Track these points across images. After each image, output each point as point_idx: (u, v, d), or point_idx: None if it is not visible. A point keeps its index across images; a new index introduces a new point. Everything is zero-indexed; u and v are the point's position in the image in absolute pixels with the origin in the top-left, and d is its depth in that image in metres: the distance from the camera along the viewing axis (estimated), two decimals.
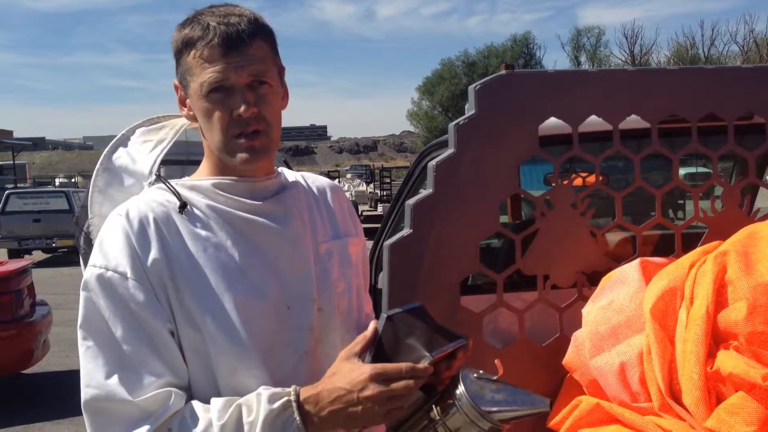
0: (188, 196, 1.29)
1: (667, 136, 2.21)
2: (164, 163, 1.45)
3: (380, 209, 20.11)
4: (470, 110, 1.89)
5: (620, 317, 1.71)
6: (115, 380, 1.15)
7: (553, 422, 1.75)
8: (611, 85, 1.95)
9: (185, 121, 1.41)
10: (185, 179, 1.34)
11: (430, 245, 1.84)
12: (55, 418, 5.48)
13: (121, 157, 1.48)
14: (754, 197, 3.20)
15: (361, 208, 20.62)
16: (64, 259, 15.69)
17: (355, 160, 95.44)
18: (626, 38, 46.91)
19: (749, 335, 1.46)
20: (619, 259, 1.96)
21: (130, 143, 1.50)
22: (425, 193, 1.86)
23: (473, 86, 1.89)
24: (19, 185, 27.14)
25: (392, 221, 3.12)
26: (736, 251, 1.62)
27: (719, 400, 1.49)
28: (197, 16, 1.25)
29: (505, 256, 2.86)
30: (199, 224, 1.26)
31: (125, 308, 1.18)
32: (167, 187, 1.30)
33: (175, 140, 1.49)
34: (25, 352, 5.72)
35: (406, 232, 1.83)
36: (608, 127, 1.95)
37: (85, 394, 1.17)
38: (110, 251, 1.21)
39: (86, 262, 1.40)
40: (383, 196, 21.66)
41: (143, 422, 1.14)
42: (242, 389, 1.19)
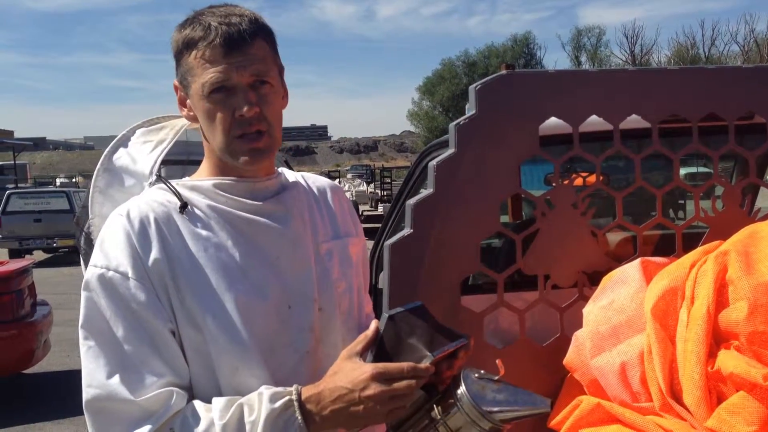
0: (189, 196, 1.29)
1: (667, 136, 2.21)
2: (164, 163, 1.45)
3: (381, 209, 20.10)
4: (471, 110, 1.88)
5: (621, 317, 1.71)
6: (116, 380, 1.15)
7: (553, 422, 1.75)
8: (612, 85, 1.95)
9: (185, 121, 1.41)
10: (186, 179, 1.34)
11: (430, 245, 1.84)
12: (55, 418, 5.48)
13: (121, 157, 1.48)
14: (754, 197, 3.21)
15: (361, 208, 20.60)
16: (64, 259, 15.69)
17: (355, 160, 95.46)
18: (627, 38, 46.93)
19: (750, 335, 1.46)
20: (619, 258, 1.96)
21: (130, 144, 1.50)
22: (426, 193, 1.86)
23: (474, 86, 1.89)
24: (20, 185, 27.13)
25: (393, 221, 3.12)
26: (736, 251, 1.61)
27: (720, 400, 1.49)
28: (197, 16, 1.25)
29: (505, 255, 2.86)
30: (199, 224, 1.26)
31: (126, 308, 1.18)
32: (168, 187, 1.30)
33: (175, 140, 1.50)
34: (25, 352, 5.72)
35: (406, 231, 1.83)
36: (609, 126, 1.95)
37: (86, 393, 1.17)
38: (111, 251, 1.21)
39: (87, 262, 1.40)
40: (384, 196, 21.64)
41: (145, 422, 1.14)
42: (243, 389, 1.19)
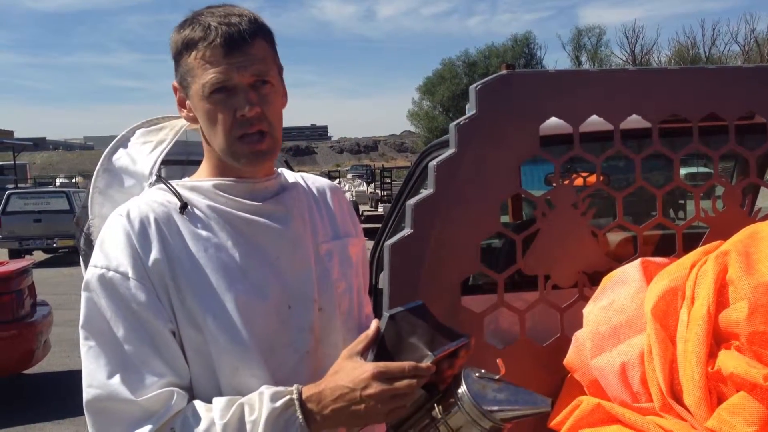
0: (189, 196, 1.29)
1: (668, 135, 2.21)
2: (164, 163, 1.45)
3: (381, 209, 20.10)
4: (471, 110, 1.88)
5: (621, 317, 1.71)
6: (117, 380, 1.15)
7: (554, 422, 1.75)
8: (612, 85, 1.95)
9: (185, 122, 1.41)
10: (185, 180, 1.34)
11: (430, 245, 1.84)
12: (55, 418, 5.48)
13: (121, 158, 1.48)
14: (755, 197, 3.21)
15: (361, 208, 20.60)
16: (64, 259, 15.68)
17: (355, 160, 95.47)
18: (627, 38, 46.95)
19: (750, 335, 1.46)
20: (620, 259, 1.96)
21: (130, 144, 1.50)
22: (426, 193, 1.86)
23: (474, 86, 1.89)
24: (19, 185, 27.14)
25: (393, 221, 3.12)
26: (737, 251, 1.61)
27: (720, 400, 1.49)
28: (196, 17, 1.25)
29: (506, 256, 2.86)
30: (199, 225, 1.26)
31: (127, 308, 1.18)
32: (168, 187, 1.30)
33: (175, 140, 1.50)
34: (25, 352, 5.72)
35: (406, 232, 1.83)
36: (609, 126, 1.95)
37: (87, 394, 1.17)
38: (111, 251, 1.21)
39: (86, 263, 1.40)
40: (384, 196, 21.63)
41: (145, 422, 1.14)
42: (244, 389, 1.19)
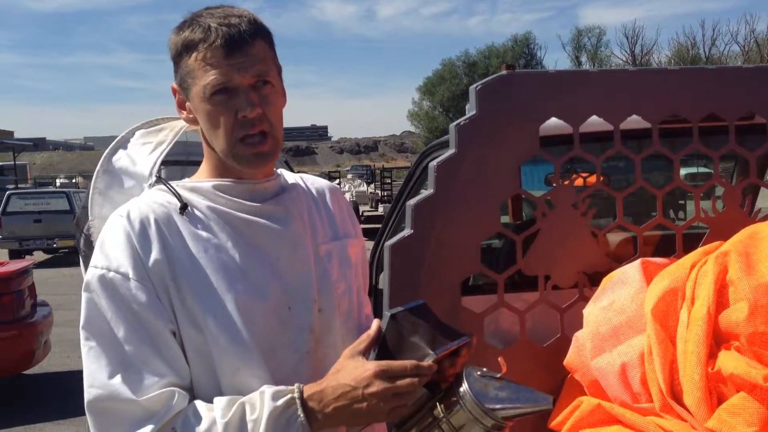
0: (189, 197, 1.29)
1: (668, 136, 2.21)
2: (164, 163, 1.45)
3: (381, 210, 20.09)
4: (471, 110, 1.89)
5: (621, 318, 1.71)
6: (118, 380, 1.15)
7: (554, 423, 1.75)
8: (612, 85, 1.95)
9: (184, 122, 1.41)
10: (185, 181, 1.34)
11: (431, 246, 1.84)
12: (56, 418, 5.48)
13: (121, 159, 1.48)
14: (755, 197, 3.21)
15: (361, 208, 20.59)
16: (65, 259, 15.68)
17: (355, 160, 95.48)
18: (627, 38, 46.95)
19: (750, 336, 1.46)
20: (620, 259, 1.96)
21: (129, 145, 1.50)
22: (426, 193, 1.86)
23: (474, 86, 1.89)
24: (20, 186, 27.15)
25: (393, 222, 3.12)
26: (737, 252, 1.61)
27: (720, 400, 1.49)
28: (195, 18, 1.24)
29: (506, 256, 2.86)
30: (199, 225, 1.26)
31: (127, 309, 1.18)
32: (168, 188, 1.30)
33: (175, 141, 1.50)
34: (26, 352, 5.72)
35: (407, 232, 1.83)
36: (609, 127, 1.95)
37: (88, 394, 1.17)
38: (111, 252, 1.21)
39: (86, 263, 1.39)
40: (384, 196, 21.61)
41: (147, 422, 1.14)
42: (245, 389, 1.19)
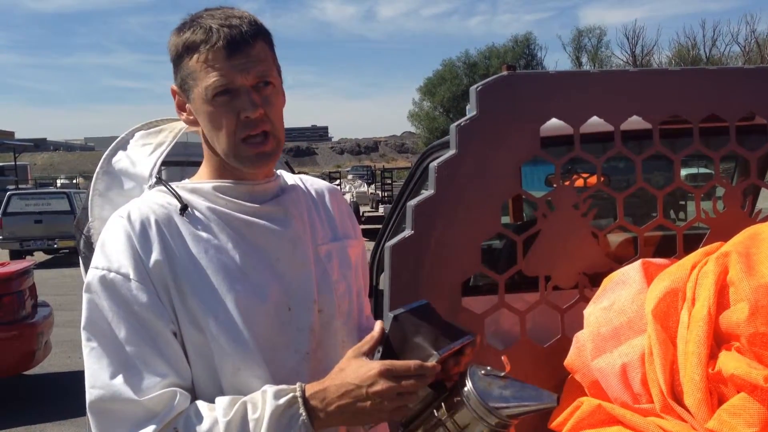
0: (189, 198, 1.29)
1: (668, 136, 2.21)
2: (164, 164, 1.45)
3: (381, 210, 20.07)
4: (471, 111, 1.89)
5: (622, 318, 1.71)
6: (120, 380, 1.15)
7: (554, 423, 1.75)
8: (613, 85, 1.95)
9: (184, 124, 1.40)
10: (185, 182, 1.34)
11: (431, 246, 1.84)
12: (56, 419, 5.49)
13: (120, 160, 1.48)
14: (755, 198, 3.21)
15: (362, 209, 20.58)
16: (65, 260, 15.69)
17: (356, 160, 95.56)
18: (627, 39, 46.84)
19: (751, 336, 1.46)
20: (620, 260, 1.96)
21: (129, 147, 1.50)
22: (427, 194, 1.86)
23: (474, 87, 1.89)
24: (20, 186, 27.15)
25: (394, 222, 3.12)
26: (737, 252, 1.61)
27: (721, 401, 1.49)
28: (196, 19, 1.24)
29: (506, 257, 2.86)
30: (200, 226, 1.26)
31: (128, 309, 1.18)
32: (168, 189, 1.30)
33: (175, 142, 1.50)
34: (26, 353, 5.72)
35: (407, 233, 1.83)
36: (609, 127, 1.95)
37: (90, 395, 1.17)
38: (112, 253, 1.21)
39: (86, 265, 1.40)
40: (384, 197, 21.59)
41: (149, 422, 1.14)
42: (246, 389, 1.20)
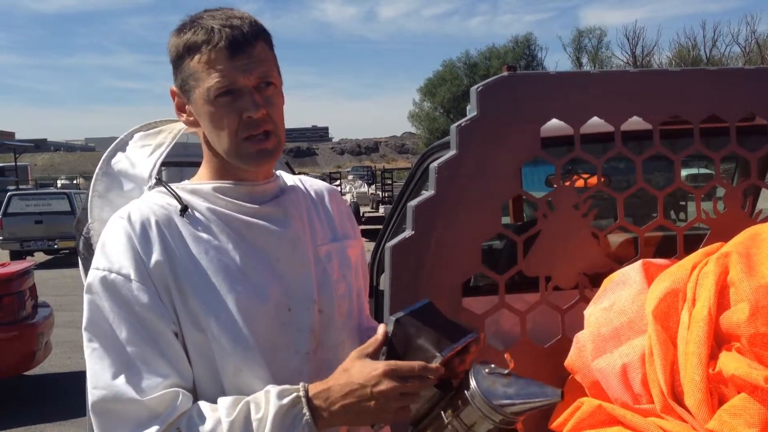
0: (189, 199, 1.29)
1: (669, 137, 2.21)
2: (164, 165, 1.45)
3: (382, 210, 20.08)
4: (472, 112, 1.89)
5: (622, 319, 1.71)
6: (122, 380, 1.15)
7: (555, 424, 1.75)
8: (613, 86, 1.95)
9: (183, 125, 1.40)
10: (185, 183, 1.34)
11: (431, 247, 1.84)
12: (56, 419, 5.49)
13: (120, 161, 1.48)
14: (756, 198, 3.21)
15: (362, 209, 20.58)
16: (66, 260, 15.69)
17: (356, 161, 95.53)
18: (628, 39, 46.80)
19: (751, 337, 1.46)
20: (621, 260, 1.96)
21: (128, 148, 1.50)
22: (427, 194, 1.86)
23: (475, 87, 1.89)
24: (21, 187, 27.16)
25: (394, 223, 3.12)
26: (738, 253, 1.61)
27: (721, 401, 1.48)
28: (196, 20, 1.24)
29: (507, 257, 2.86)
30: (200, 227, 1.26)
31: (129, 310, 1.18)
32: (168, 190, 1.30)
33: (175, 142, 1.50)
34: (26, 353, 5.72)
35: (408, 233, 1.83)
36: (610, 128, 1.95)
37: (92, 395, 1.17)
38: (113, 254, 1.21)
39: (86, 266, 1.40)
40: (385, 197, 21.61)
41: (151, 423, 1.14)
42: (247, 390, 1.20)
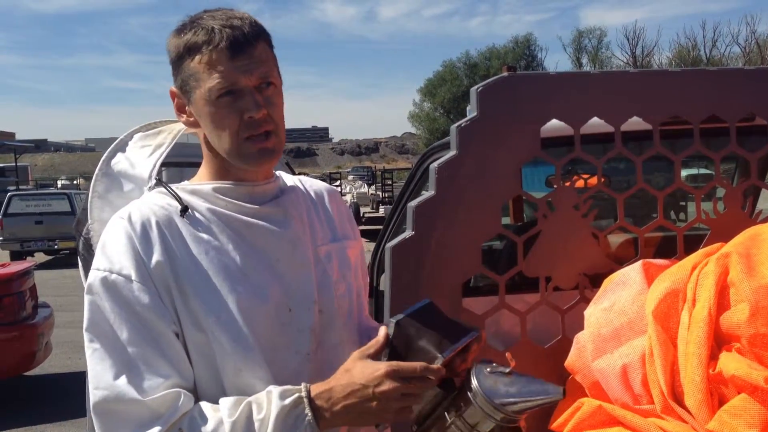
0: (189, 199, 1.29)
1: (669, 137, 2.21)
2: (164, 165, 1.45)
3: (382, 211, 20.08)
4: (472, 112, 1.89)
5: (622, 319, 1.71)
6: (123, 381, 1.15)
7: (555, 424, 1.74)
8: (613, 86, 1.95)
9: (183, 125, 1.40)
10: (185, 183, 1.34)
11: (432, 247, 1.84)
12: (57, 420, 5.49)
13: (119, 162, 1.48)
14: (756, 199, 3.21)
15: (362, 209, 20.57)
16: (66, 261, 15.68)
17: (356, 161, 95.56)
18: (628, 40, 46.77)
19: (751, 337, 1.46)
20: (621, 260, 1.96)
21: (128, 148, 1.50)
22: (427, 195, 1.86)
23: (475, 88, 1.89)
24: (21, 187, 27.17)
25: (394, 223, 3.12)
26: (738, 253, 1.61)
27: (721, 402, 1.48)
28: (196, 20, 1.24)
29: (507, 257, 2.86)
30: (200, 227, 1.26)
31: (130, 310, 1.18)
32: (168, 190, 1.30)
33: (175, 142, 1.50)
34: (27, 354, 5.72)
35: (408, 234, 1.83)
36: (610, 128, 1.95)
37: (94, 396, 1.16)
38: (114, 254, 1.21)
39: (85, 267, 1.39)
40: (385, 197, 21.60)
41: (154, 423, 1.14)
42: (247, 390, 1.20)
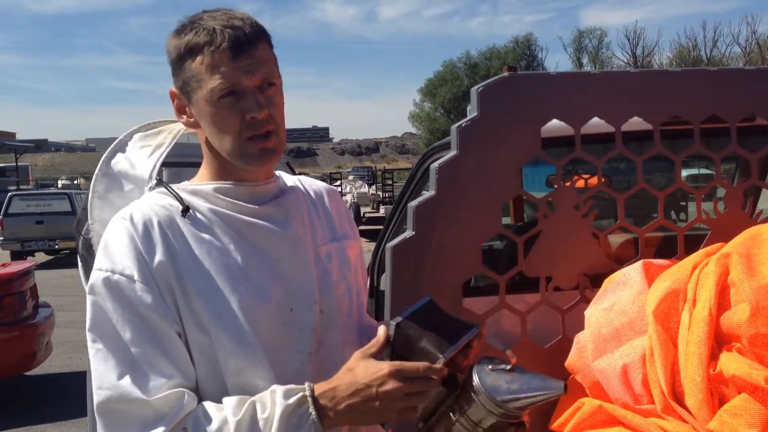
0: (190, 200, 1.29)
1: (669, 137, 2.21)
2: (164, 165, 1.45)
3: (382, 211, 20.08)
4: (472, 112, 1.89)
5: (623, 319, 1.71)
6: (127, 380, 1.15)
7: (555, 424, 1.75)
8: (613, 86, 1.95)
9: (182, 125, 1.40)
10: (185, 183, 1.34)
11: (432, 247, 1.84)
12: (57, 420, 5.49)
13: (119, 162, 1.47)
14: (756, 199, 3.21)
15: (363, 209, 20.57)
16: (66, 261, 15.68)
17: (357, 161, 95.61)
18: (628, 40, 46.77)
19: (752, 337, 1.46)
20: (621, 260, 1.96)
21: (128, 148, 1.50)
22: (428, 195, 1.86)
23: (476, 88, 1.89)
24: (21, 187, 27.17)
25: (395, 223, 3.12)
26: (738, 253, 1.61)
27: (722, 402, 1.49)
28: (197, 21, 1.24)
29: (507, 257, 2.86)
30: (201, 228, 1.26)
31: (133, 311, 1.18)
32: (169, 191, 1.31)
33: (175, 143, 1.50)
34: (27, 353, 5.73)
35: (408, 233, 1.84)
36: (610, 128, 1.95)
37: (97, 396, 1.16)
38: (116, 254, 1.21)
39: (85, 267, 1.39)
40: (385, 197, 21.60)
41: (158, 423, 1.14)
42: (250, 390, 1.20)
